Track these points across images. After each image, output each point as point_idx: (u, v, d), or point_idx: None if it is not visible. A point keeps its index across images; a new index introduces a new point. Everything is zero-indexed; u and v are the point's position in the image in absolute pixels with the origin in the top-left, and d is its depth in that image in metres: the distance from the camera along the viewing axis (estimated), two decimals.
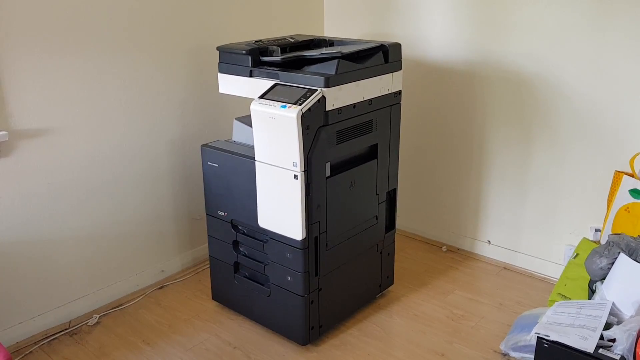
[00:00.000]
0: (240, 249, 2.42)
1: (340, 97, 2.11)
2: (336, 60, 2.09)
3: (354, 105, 2.19)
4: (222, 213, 2.41)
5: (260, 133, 2.12)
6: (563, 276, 2.54)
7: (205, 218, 2.50)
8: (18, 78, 2.14)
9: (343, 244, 2.32)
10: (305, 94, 2.04)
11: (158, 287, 2.77)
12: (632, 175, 2.39)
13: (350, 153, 2.28)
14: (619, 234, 2.29)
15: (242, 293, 2.45)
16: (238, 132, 2.44)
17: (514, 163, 2.83)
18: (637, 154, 2.37)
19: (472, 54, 2.82)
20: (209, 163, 2.38)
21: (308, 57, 2.26)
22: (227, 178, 2.33)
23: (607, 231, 2.47)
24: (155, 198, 2.71)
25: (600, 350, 2.01)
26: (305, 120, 2.00)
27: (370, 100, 2.26)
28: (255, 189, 2.22)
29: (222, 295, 2.56)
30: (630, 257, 2.14)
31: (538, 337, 2.10)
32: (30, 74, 2.17)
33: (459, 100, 2.93)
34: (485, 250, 3.04)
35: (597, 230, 2.64)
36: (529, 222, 2.86)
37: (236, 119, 2.45)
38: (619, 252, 2.18)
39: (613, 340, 1.99)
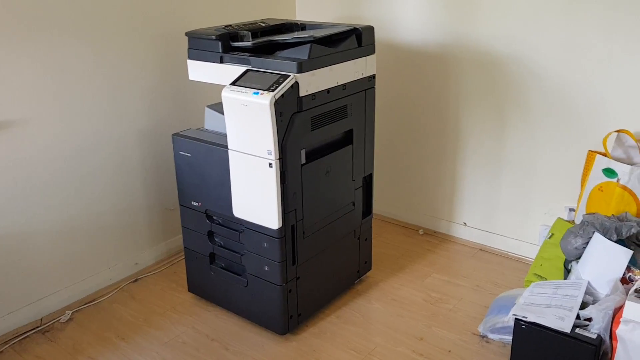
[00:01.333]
0: (216, 239, 2.38)
1: (313, 82, 2.06)
2: (309, 45, 2.05)
3: (327, 91, 2.15)
4: (195, 203, 2.36)
5: (232, 121, 2.07)
6: (539, 256, 2.56)
7: (179, 209, 2.44)
8: None
9: (320, 232, 2.30)
10: (278, 80, 1.99)
11: (132, 280, 2.71)
12: (605, 155, 2.41)
13: (325, 139, 2.25)
14: (594, 213, 2.31)
15: (219, 284, 2.42)
16: (210, 120, 2.38)
17: (488, 145, 2.83)
18: (609, 134, 2.38)
19: (445, 36, 2.80)
20: (180, 152, 2.32)
21: (280, 41, 2.20)
22: (200, 167, 2.28)
23: (582, 211, 2.49)
24: (126, 189, 2.64)
25: (577, 330, 2.03)
26: (279, 107, 1.96)
27: (344, 85, 2.22)
28: (229, 178, 2.17)
29: (198, 287, 2.52)
30: (604, 236, 2.17)
31: (515, 318, 2.12)
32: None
33: (433, 83, 2.91)
34: (461, 232, 3.05)
35: (571, 209, 2.66)
36: (504, 203, 2.87)
37: (208, 106, 2.39)
38: (594, 232, 2.20)
39: (589, 320, 2.01)
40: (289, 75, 1.99)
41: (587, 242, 2.23)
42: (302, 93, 2.03)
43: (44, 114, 2.27)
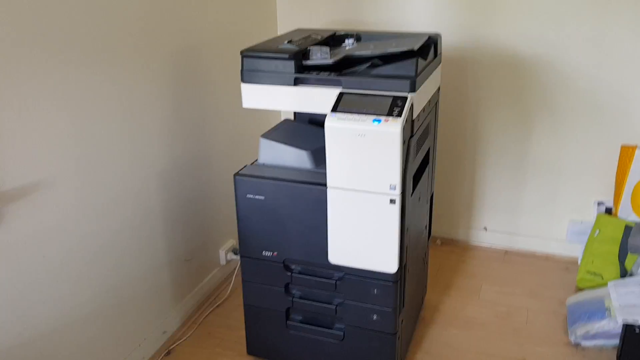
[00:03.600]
0: (292, 291, 2.02)
1: (418, 101, 1.82)
2: (415, 59, 1.79)
3: (424, 109, 1.92)
4: (268, 253, 1.98)
5: (338, 154, 1.75)
6: (587, 253, 2.58)
7: (240, 262, 2.04)
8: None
9: (411, 266, 2.06)
10: (395, 102, 1.71)
11: (164, 353, 2.22)
12: None
13: (418, 163, 2.01)
14: None
15: (297, 341, 2.07)
16: (267, 153, 2.01)
17: (510, 147, 2.79)
18: None
19: (461, 38, 2.69)
20: (249, 196, 1.92)
21: (364, 56, 1.91)
22: (277, 212, 1.90)
23: (626, 204, 2.54)
24: (149, 248, 2.15)
25: None
26: (404, 134, 1.69)
27: (430, 100, 2.00)
28: (324, 221, 1.84)
29: (264, 347, 2.14)
30: None
31: (627, 324, 2.09)
32: (9, 118, 1.51)
33: (450, 86, 2.78)
34: (482, 238, 2.99)
35: (600, 203, 2.72)
36: (528, 204, 2.86)
37: (262, 136, 2.02)
38: None
39: None
40: (406, 96, 1.72)
41: None
42: (415, 114, 1.78)
43: (65, 169, 1.72)
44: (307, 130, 2.12)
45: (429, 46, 2.01)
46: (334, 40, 2.16)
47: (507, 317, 2.42)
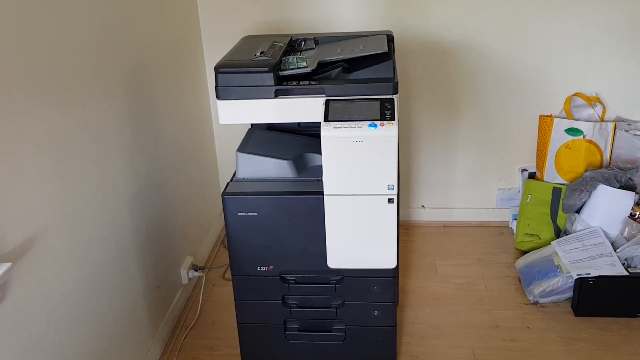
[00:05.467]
0: (288, 301, 2.02)
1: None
2: (391, 61, 1.84)
3: None
4: (263, 268, 1.95)
5: (334, 162, 1.76)
6: (522, 217, 2.85)
7: (231, 281, 1.99)
8: None
9: None
10: (384, 105, 1.76)
11: None
12: (564, 117, 2.77)
13: None
14: (592, 169, 2.66)
15: (297, 350, 2.07)
16: (245, 167, 1.96)
17: (440, 127, 2.96)
18: (569, 97, 2.75)
19: (390, 28, 2.77)
20: (240, 214, 1.87)
21: (332, 60, 1.92)
22: (271, 226, 1.88)
23: (550, 169, 2.82)
24: (127, 279, 2.01)
25: (629, 269, 2.37)
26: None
27: None
28: (319, 228, 1.86)
29: None
30: (609, 186, 2.53)
31: (580, 277, 2.36)
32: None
33: None
34: (421, 215, 3.16)
35: (524, 170, 2.99)
36: (460, 179, 3.07)
37: (238, 150, 1.97)
38: (598, 184, 2.55)
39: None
40: (392, 98, 1.78)
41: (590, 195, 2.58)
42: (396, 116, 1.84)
43: (51, 218, 1.55)
44: (277, 138, 2.10)
45: (391, 46, 2.07)
46: (292, 45, 2.15)
47: (467, 288, 2.61)
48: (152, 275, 2.21)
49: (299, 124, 2.15)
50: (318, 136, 1.74)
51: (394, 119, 1.72)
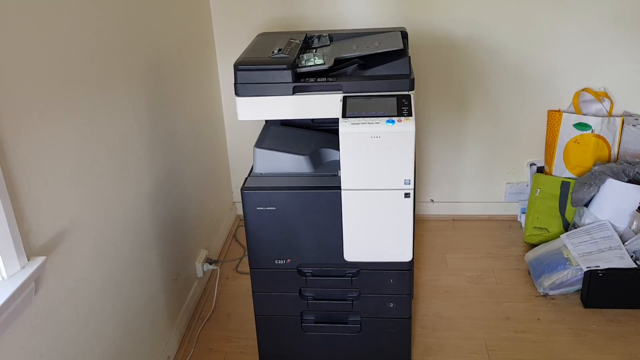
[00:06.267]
0: (305, 294, 2.06)
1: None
2: (407, 58, 1.88)
3: None
4: (281, 261, 1.99)
5: (352, 157, 1.80)
6: (531, 211, 2.88)
7: (245, 274, 2.03)
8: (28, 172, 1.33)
9: None
10: (401, 101, 1.80)
11: None
12: (572, 112, 2.80)
13: None
14: (600, 164, 2.69)
15: (313, 341, 2.12)
16: (263, 162, 2.00)
17: (450, 122, 3.00)
18: (578, 92, 2.78)
19: (402, 25, 2.81)
20: (259, 209, 1.91)
21: (348, 57, 1.95)
22: (289, 220, 1.92)
23: (559, 163, 2.86)
24: (148, 272, 2.06)
25: (638, 262, 2.41)
26: None
27: None
28: (336, 222, 1.90)
29: (279, 354, 2.16)
30: (618, 180, 2.57)
31: (590, 270, 2.40)
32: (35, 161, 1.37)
33: None
34: (430, 209, 3.20)
35: (532, 164, 3.03)
36: (468, 173, 3.10)
37: (256, 146, 2.01)
38: (607, 178, 2.58)
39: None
40: (409, 95, 1.81)
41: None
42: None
43: (79, 212, 1.59)
44: (293, 133, 2.13)
45: (406, 42, 2.10)
46: (307, 42, 2.18)
47: (478, 280, 2.65)
48: (170, 269, 2.25)
49: (312, 119, 2.19)
50: (332, 132, 1.77)
51: (411, 115, 1.76)
